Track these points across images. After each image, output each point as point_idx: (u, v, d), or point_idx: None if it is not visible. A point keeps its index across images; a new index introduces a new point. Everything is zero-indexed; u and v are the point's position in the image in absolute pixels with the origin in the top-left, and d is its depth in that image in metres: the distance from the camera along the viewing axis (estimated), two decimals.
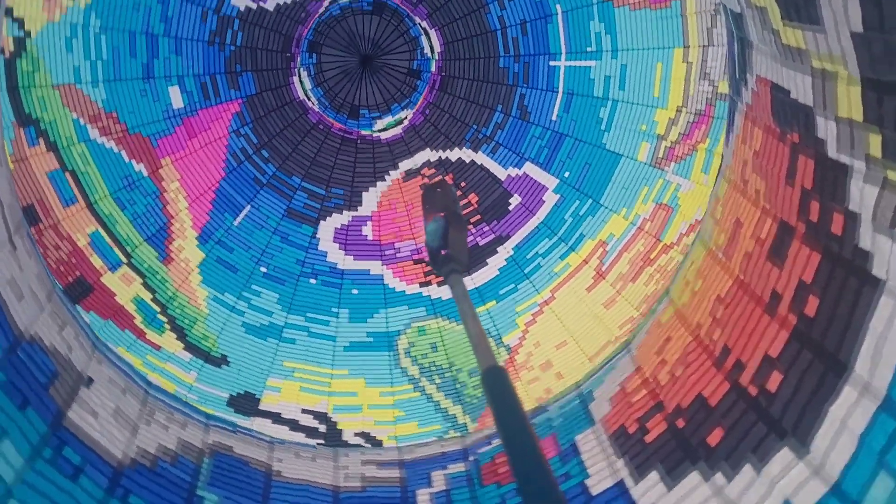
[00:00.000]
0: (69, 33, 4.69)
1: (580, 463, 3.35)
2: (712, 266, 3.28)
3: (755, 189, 2.98)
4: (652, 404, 3.14)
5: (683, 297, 3.53)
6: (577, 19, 5.28)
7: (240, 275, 5.29)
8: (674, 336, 3.33)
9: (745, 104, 3.25)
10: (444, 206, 2.22)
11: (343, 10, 5.80)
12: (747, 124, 3.20)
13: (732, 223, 3.17)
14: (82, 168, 4.80)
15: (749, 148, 3.10)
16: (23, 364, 2.80)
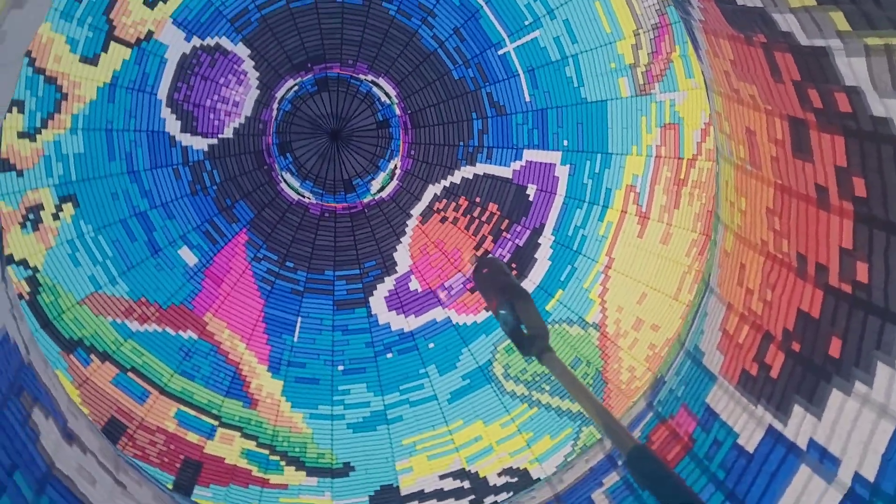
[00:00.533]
0: (70, 250, 4.81)
1: (723, 424, 3.25)
2: (747, 180, 3.21)
3: (749, 95, 2.92)
4: (760, 338, 3.05)
5: (735, 219, 3.45)
6: (503, 2, 5.28)
7: (322, 384, 5.33)
8: (746, 262, 3.25)
9: (699, 21, 3.20)
10: (499, 284, 2.17)
11: (292, 102, 5.87)
12: (710, 38, 3.15)
13: (744, 133, 3.11)
14: (140, 361, 4.90)
15: (724, 59, 3.05)
16: None
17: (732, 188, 3.51)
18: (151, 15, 4.92)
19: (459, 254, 5.70)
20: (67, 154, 4.81)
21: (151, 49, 4.99)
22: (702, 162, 4.96)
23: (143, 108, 5.10)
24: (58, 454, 2.78)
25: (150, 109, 5.13)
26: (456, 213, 5.77)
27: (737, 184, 3.41)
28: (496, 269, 2.28)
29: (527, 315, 2.03)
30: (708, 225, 4.88)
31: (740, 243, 3.38)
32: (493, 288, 2.19)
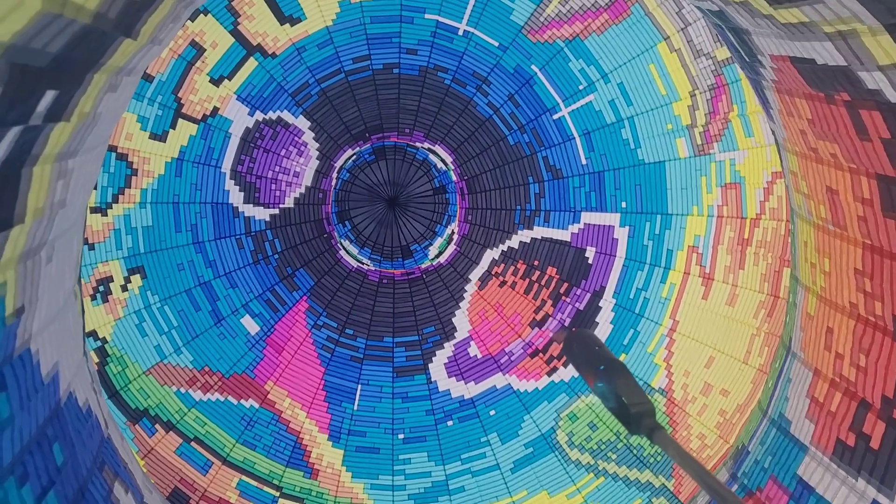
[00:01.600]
0: (137, 320, 4.91)
1: (820, 499, 3.06)
2: (829, 240, 3.11)
3: (829, 154, 2.86)
4: (856, 406, 2.90)
5: (818, 281, 3.34)
6: (556, 68, 5.34)
7: (383, 453, 5.27)
8: (834, 325, 3.13)
9: (772, 80, 3.17)
10: (592, 359, 2.08)
11: (351, 171, 5.99)
12: (784, 98, 3.11)
13: (825, 192, 3.03)
14: (202, 431, 4.92)
15: (800, 118, 3.00)
16: None
17: (812, 249, 3.40)
18: (217, 92, 5.11)
19: (519, 318, 5.64)
20: (136, 227, 4.97)
21: (217, 124, 5.16)
22: (766, 221, 4.86)
23: (208, 181, 5.25)
24: None
25: (215, 182, 5.28)
26: (514, 278, 5.74)
27: (818, 244, 3.30)
28: (587, 342, 2.20)
29: (627, 390, 1.92)
30: (776, 285, 4.75)
31: (825, 306, 3.25)
32: (587, 361, 2.10)
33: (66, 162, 2.30)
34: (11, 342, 2.11)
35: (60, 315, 2.68)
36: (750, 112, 4.74)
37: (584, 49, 5.19)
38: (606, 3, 4.97)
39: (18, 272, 2.09)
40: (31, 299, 2.25)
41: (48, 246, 2.37)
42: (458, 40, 5.35)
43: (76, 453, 2.57)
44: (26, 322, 2.24)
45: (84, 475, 2.58)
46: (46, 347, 2.45)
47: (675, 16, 4.82)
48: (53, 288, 2.53)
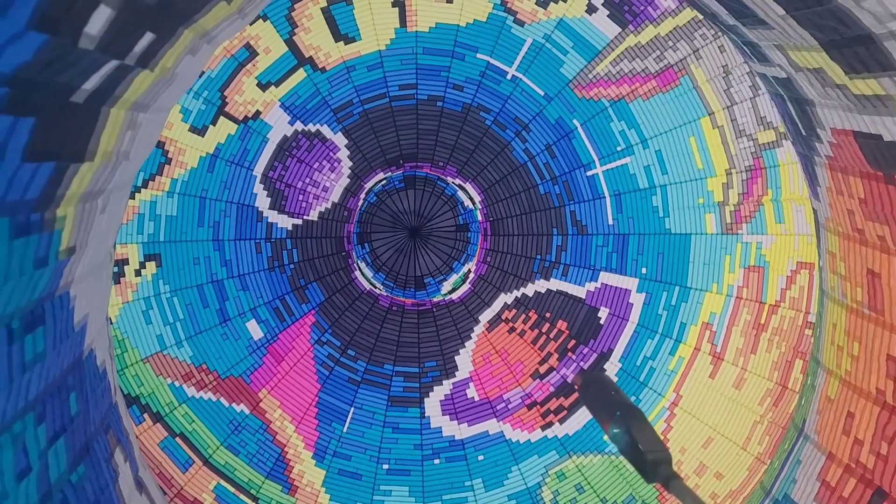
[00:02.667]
0: (144, 307, 4.91)
1: None
2: (863, 324, 3.08)
3: (877, 236, 2.84)
4: (870, 494, 2.84)
5: (843, 364, 3.29)
6: (598, 126, 5.37)
7: (365, 480, 5.19)
8: (856, 410, 3.08)
9: (826, 157, 3.16)
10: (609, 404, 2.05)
11: (379, 195, 6.01)
12: (836, 175, 3.10)
13: (865, 275, 3.00)
14: (189, 428, 4.88)
15: (850, 197, 2.98)
16: None
17: (842, 331, 3.35)
18: (262, 96, 5.17)
19: (522, 367, 5.59)
20: (161, 215, 4.99)
21: (256, 128, 5.21)
22: (785, 309, 4.81)
23: (238, 182, 5.28)
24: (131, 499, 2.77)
25: (245, 184, 5.32)
26: (524, 326, 5.70)
27: (848, 327, 3.25)
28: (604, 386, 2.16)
29: (644, 436, 1.87)
30: (786, 375, 4.69)
31: (849, 390, 3.19)
32: (603, 406, 2.06)
33: (137, 114, 2.36)
34: (56, 280, 2.15)
35: (98, 271, 2.72)
36: (784, 198, 4.73)
37: (628, 112, 5.22)
38: (656, 71, 5.01)
39: (77, 211, 2.15)
40: (82, 243, 2.30)
41: (105, 195, 2.42)
42: (505, 84, 5.40)
43: (89, 409, 2.58)
44: (73, 264, 2.28)
45: (92, 432, 2.60)
46: (82, 297, 2.50)
47: (723, 93, 4.85)
48: (99, 240, 2.57)
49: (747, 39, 3.26)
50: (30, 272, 1.93)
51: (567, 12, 4.99)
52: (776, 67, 3.20)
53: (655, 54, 4.95)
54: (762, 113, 4.74)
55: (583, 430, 5.29)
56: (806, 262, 4.66)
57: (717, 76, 4.80)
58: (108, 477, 2.61)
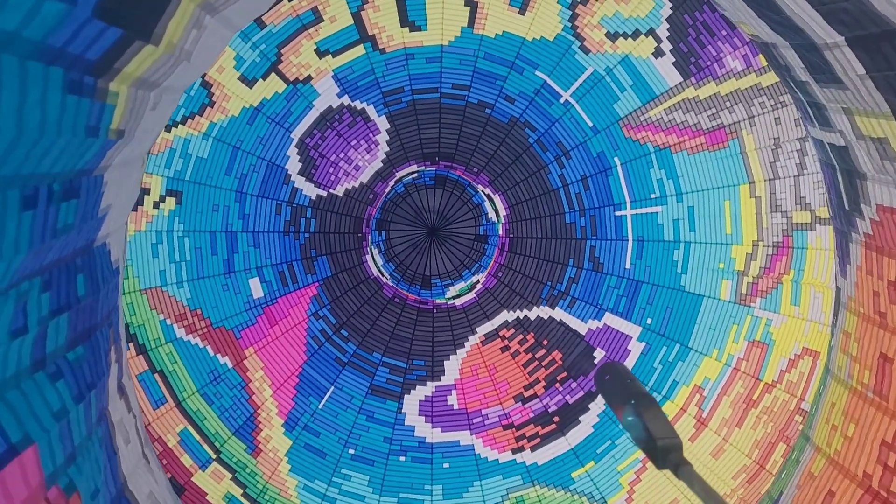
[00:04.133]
0: (155, 240, 4.92)
1: None
2: (864, 407, 3.04)
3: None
4: None
5: (834, 443, 3.26)
6: (637, 169, 5.36)
7: (328, 459, 5.17)
8: (838, 489, 3.04)
9: (864, 234, 3.14)
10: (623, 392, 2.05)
11: (407, 186, 6.02)
12: (871, 255, 3.07)
13: (877, 359, 2.97)
14: (170, 367, 4.88)
15: (880, 279, 2.96)
16: None
17: (840, 411, 3.32)
18: (317, 63, 5.18)
19: (507, 387, 5.57)
20: (191, 154, 5.01)
21: (305, 92, 5.23)
22: (779, 391, 4.77)
23: (274, 140, 5.29)
24: (113, 401, 2.79)
25: (280, 144, 5.33)
26: (519, 347, 5.67)
27: (848, 408, 3.22)
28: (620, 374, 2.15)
29: (656, 423, 1.87)
30: (766, 456, 4.64)
31: (834, 469, 3.16)
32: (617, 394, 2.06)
33: (205, 14, 2.38)
34: (99, 159, 2.19)
35: (131, 169, 2.75)
36: (804, 281, 4.69)
37: (671, 162, 5.20)
38: (708, 128, 5.00)
39: (130, 94, 2.18)
40: (129, 132, 2.34)
41: (158, 92, 2.45)
42: (556, 106, 5.40)
43: (98, 297, 2.61)
44: (116, 150, 2.33)
45: (97, 321, 2.62)
46: (112, 186, 2.54)
47: (769, 165, 4.82)
48: (142, 137, 2.61)
49: (814, 100, 3.23)
50: (81, 137, 1.96)
51: (634, 50, 4.99)
52: (836, 133, 3.17)
53: (711, 111, 4.93)
54: (802, 193, 4.71)
55: (552, 463, 5.25)
56: (812, 350, 4.62)
57: (766, 146, 4.78)
58: (104, 368, 2.63)
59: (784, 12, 2.62)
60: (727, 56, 4.75)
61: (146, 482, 2.91)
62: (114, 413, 2.80)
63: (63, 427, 2.09)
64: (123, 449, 2.83)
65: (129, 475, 2.80)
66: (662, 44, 4.91)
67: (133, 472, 2.84)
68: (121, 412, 2.93)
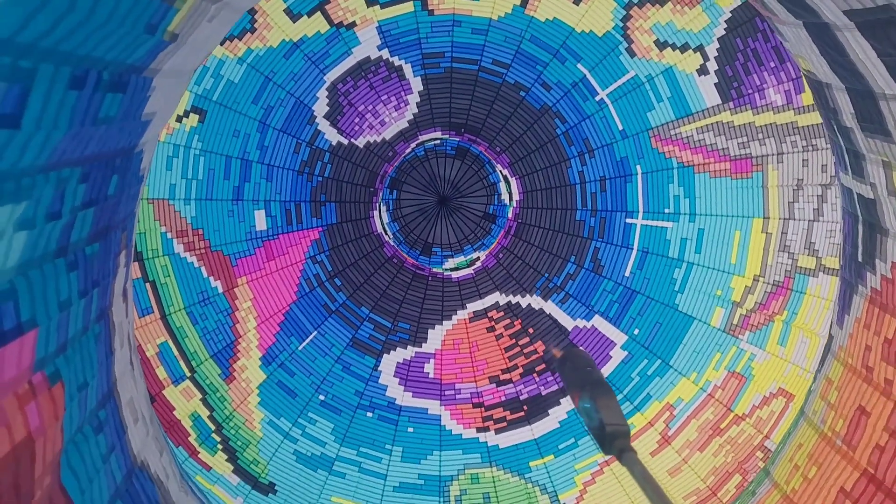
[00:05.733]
0: (171, 152, 4.93)
1: None
2: (829, 453, 3.10)
3: (884, 378, 2.85)
4: None
5: (793, 482, 3.32)
6: (657, 181, 5.36)
7: (298, 400, 5.24)
8: None
9: (872, 288, 3.16)
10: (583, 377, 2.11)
11: (427, 152, 6.02)
12: (873, 310, 3.10)
13: (855, 410, 3.02)
14: (162, 280, 4.92)
15: (876, 335, 2.99)
16: (137, 494, 2.76)
17: (805, 453, 3.38)
18: (364, 11, 5.15)
19: (485, 367, 5.62)
20: (223, 76, 5.00)
21: (346, 37, 5.20)
22: (747, 425, 4.83)
23: (307, 79, 5.28)
24: (116, 303, 2.84)
25: (312, 84, 5.32)
26: (504, 331, 5.72)
27: (813, 451, 3.28)
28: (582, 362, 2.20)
29: (608, 411, 1.94)
30: (720, 485, 4.72)
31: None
32: (577, 380, 2.12)
33: None
34: (151, 59, 2.21)
35: (179, 79, 2.76)
36: (795, 324, 4.72)
37: (691, 181, 5.20)
38: (735, 155, 4.99)
39: (195, 1, 2.18)
40: (183, 37, 2.36)
41: (219, 6, 2.46)
42: (591, 103, 5.38)
43: (121, 199, 2.65)
44: (168, 54, 2.35)
45: (115, 223, 2.66)
46: (159, 93, 2.56)
47: (787, 205, 4.82)
48: (195, 47, 2.63)
49: (854, 148, 3.23)
50: (139, 31, 1.99)
51: (679, 63, 4.96)
52: (868, 185, 3.18)
53: (742, 139, 4.92)
54: (813, 239, 4.72)
55: (513, 448, 5.33)
56: (788, 392, 4.67)
57: (788, 185, 4.78)
58: (112, 268, 2.67)
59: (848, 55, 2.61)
60: (770, 88, 4.73)
61: (129, 388, 2.96)
62: (116, 315, 2.85)
63: (63, 317, 2.12)
64: (119, 351, 2.88)
65: (119, 377, 2.86)
66: (709, 62, 4.88)
67: (121, 375, 2.90)
68: (121, 315, 2.98)
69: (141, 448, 2.97)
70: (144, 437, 3.09)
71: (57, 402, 2.08)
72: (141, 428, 3.06)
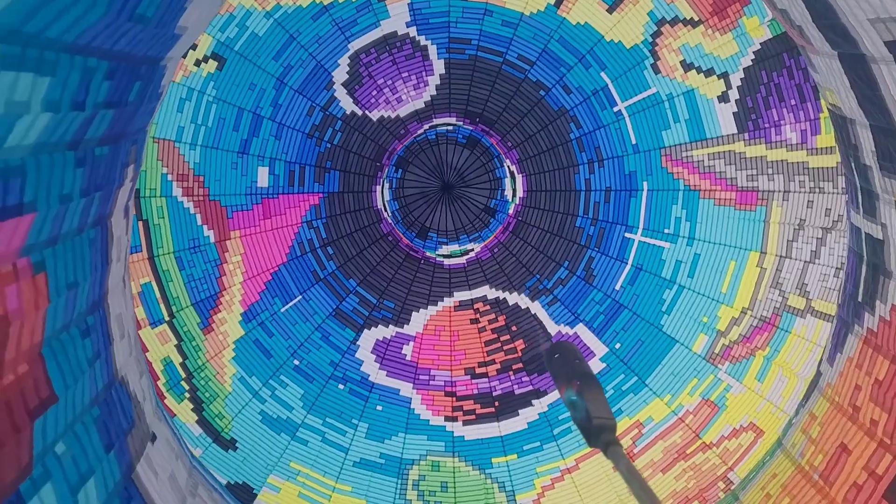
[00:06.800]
0: (184, 95, 4.90)
1: None
2: (804, 486, 3.11)
3: (870, 419, 2.86)
4: None
5: None
6: (661, 200, 5.36)
7: (272, 362, 5.22)
8: None
9: (868, 329, 3.16)
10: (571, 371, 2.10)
11: (439, 136, 6.00)
12: (867, 350, 3.11)
13: (836, 447, 3.03)
14: (156, 220, 4.89)
15: (868, 375, 3.00)
16: (114, 405, 2.76)
17: (779, 484, 3.39)
18: None
19: (463, 357, 5.62)
20: (248, 27, 4.96)
21: (377, 8, 5.18)
22: (713, 454, 4.84)
23: (331, 44, 5.25)
24: (117, 216, 2.85)
25: (336, 49, 5.29)
26: (488, 325, 5.72)
27: (788, 483, 3.30)
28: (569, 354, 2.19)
29: (595, 404, 1.93)
30: None
31: None
32: (565, 372, 2.11)
33: None
34: None
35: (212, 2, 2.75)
36: (776, 362, 4.74)
37: (695, 205, 5.21)
38: (742, 186, 5.00)
39: None
40: None
41: None
42: (608, 113, 5.38)
43: (139, 110, 2.68)
44: None
45: (129, 131, 2.69)
46: (192, 10, 2.59)
47: (786, 243, 4.84)
48: None
49: (870, 187, 3.23)
50: None
51: (702, 87, 4.96)
52: (878, 226, 3.18)
53: (751, 172, 4.93)
54: (806, 280, 4.74)
55: (478, 442, 5.33)
56: (758, 427, 4.68)
57: (790, 224, 4.79)
58: (117, 178, 2.66)
59: (879, 89, 2.61)
60: (787, 125, 4.74)
61: (119, 303, 2.96)
62: (115, 227, 2.86)
63: (61, 210, 2.14)
64: (114, 264, 2.88)
65: (111, 289, 2.85)
66: (731, 91, 4.88)
67: (113, 288, 2.90)
68: (121, 231, 2.97)
69: (123, 364, 2.98)
70: (128, 356, 3.09)
71: (39, 291, 2.09)
72: (126, 345, 3.06)
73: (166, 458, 3.31)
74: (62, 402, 2.26)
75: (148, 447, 3.09)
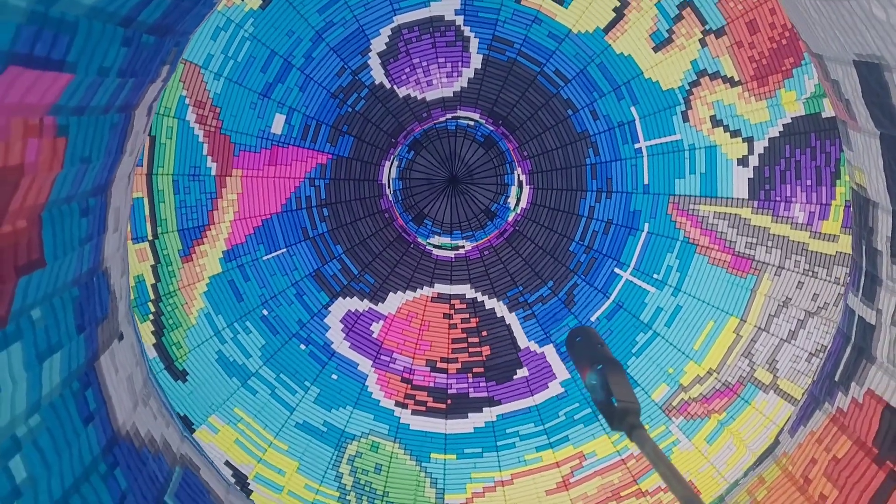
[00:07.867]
0: (221, 24, 4.87)
1: None
2: None
3: (820, 492, 2.89)
4: None
5: None
6: (658, 245, 5.39)
7: (242, 306, 5.21)
8: None
9: (837, 408, 3.19)
10: (593, 354, 2.10)
11: (458, 129, 6.00)
12: (832, 428, 3.14)
13: None
14: (163, 139, 4.86)
15: (826, 451, 3.03)
16: (93, 291, 2.78)
17: None
18: None
19: (427, 348, 5.62)
20: None
21: None
22: (645, 502, 4.88)
23: (377, 12, 5.24)
24: (142, 108, 2.90)
25: (380, 19, 5.28)
26: (460, 323, 5.72)
27: None
28: (591, 338, 2.19)
29: (618, 387, 1.92)
30: None
31: None
32: (586, 356, 2.11)
33: None
34: None
35: None
36: (728, 429, 4.78)
37: (689, 258, 5.24)
38: (738, 252, 5.02)
39: None
40: None
41: None
42: (629, 147, 5.39)
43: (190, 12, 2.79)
44: None
45: (177, 28, 2.79)
46: None
47: (767, 316, 4.87)
48: None
49: (875, 272, 3.24)
50: None
51: (725, 146, 4.99)
52: (874, 311, 3.20)
53: (750, 240, 4.96)
54: (777, 357, 4.77)
55: (422, 434, 5.33)
56: (696, 487, 4.71)
57: (775, 299, 4.83)
58: (152, 71, 2.73)
59: None
60: (797, 203, 4.76)
61: (119, 198, 3.02)
62: (137, 121, 2.93)
63: (95, 82, 2.20)
64: (126, 157, 2.93)
65: (116, 180, 2.90)
66: (752, 156, 4.91)
67: (119, 180, 2.97)
68: (140, 126, 3.04)
69: (110, 256, 3.00)
70: (115, 250, 3.11)
71: (57, 154, 2.14)
72: (116, 239, 3.09)
73: (128, 359, 3.33)
74: (48, 270, 2.30)
75: (114, 343, 3.11)
